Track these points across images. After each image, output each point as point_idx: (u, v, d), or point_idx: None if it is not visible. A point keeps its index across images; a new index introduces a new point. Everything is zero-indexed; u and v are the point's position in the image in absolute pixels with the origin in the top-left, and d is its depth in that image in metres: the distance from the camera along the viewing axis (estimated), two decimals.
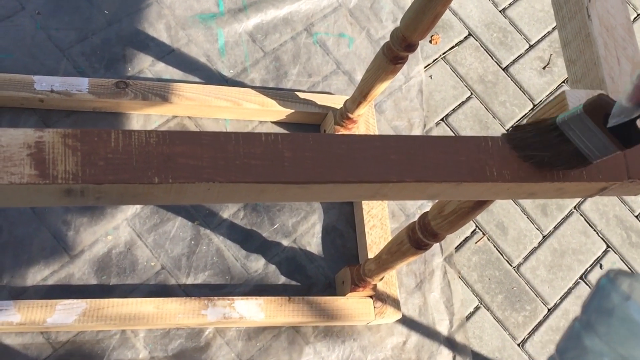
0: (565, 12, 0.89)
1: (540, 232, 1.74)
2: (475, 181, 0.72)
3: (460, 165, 0.72)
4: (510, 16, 1.99)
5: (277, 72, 1.69)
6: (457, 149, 0.73)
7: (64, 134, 0.61)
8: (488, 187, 0.74)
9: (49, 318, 1.29)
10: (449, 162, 0.72)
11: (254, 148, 0.67)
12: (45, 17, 1.57)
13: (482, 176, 0.73)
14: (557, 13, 0.90)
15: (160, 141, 0.64)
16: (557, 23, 0.90)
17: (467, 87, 1.85)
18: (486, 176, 0.73)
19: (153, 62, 1.61)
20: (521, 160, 0.74)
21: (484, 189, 0.75)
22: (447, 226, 1.07)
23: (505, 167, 0.74)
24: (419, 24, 1.19)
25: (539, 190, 0.77)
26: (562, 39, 0.89)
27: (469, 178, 0.72)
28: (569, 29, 0.87)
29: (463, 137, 0.74)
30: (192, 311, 1.36)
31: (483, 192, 0.76)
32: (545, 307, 1.66)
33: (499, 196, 0.79)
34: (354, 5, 1.83)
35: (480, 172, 0.73)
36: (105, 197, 0.64)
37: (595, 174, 0.76)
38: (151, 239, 1.46)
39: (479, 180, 0.72)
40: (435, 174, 0.71)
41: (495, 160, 0.74)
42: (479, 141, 0.74)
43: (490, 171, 0.73)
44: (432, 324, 1.57)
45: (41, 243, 1.39)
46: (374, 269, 1.35)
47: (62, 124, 1.48)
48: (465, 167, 0.72)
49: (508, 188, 0.75)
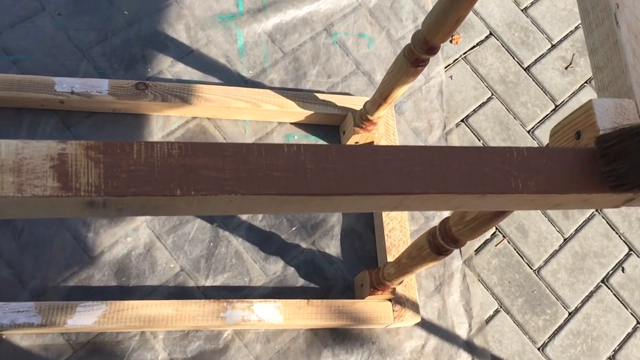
0: (592, 18, 0.87)
1: (561, 235, 1.72)
2: (500, 192, 0.71)
3: (485, 176, 0.71)
4: (532, 15, 1.97)
5: (297, 73, 1.69)
6: (481, 160, 0.72)
7: (87, 146, 0.61)
8: (512, 198, 0.73)
9: (70, 319, 1.29)
10: (472, 173, 0.71)
11: (276, 159, 0.66)
12: (66, 18, 1.58)
13: (506, 187, 0.71)
14: (584, 19, 0.89)
15: (183, 153, 0.64)
16: (584, 29, 0.88)
17: (488, 87, 1.84)
18: (511, 187, 0.72)
19: (172, 62, 1.61)
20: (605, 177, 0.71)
21: (508, 200, 0.73)
22: (468, 232, 1.06)
23: (530, 178, 0.73)
24: (440, 27, 1.18)
25: (565, 201, 0.76)
26: (589, 45, 0.87)
27: (493, 189, 0.71)
28: (596, 35, 0.86)
29: (487, 147, 0.72)
30: (211, 313, 1.36)
31: (507, 203, 0.75)
32: (566, 311, 1.65)
33: (523, 207, 0.77)
34: (374, 4, 1.82)
35: (505, 183, 0.71)
36: (127, 208, 0.64)
37: None
38: (170, 240, 1.46)
39: (503, 191, 0.71)
40: (459, 185, 0.70)
41: (520, 171, 0.72)
42: (503, 152, 0.73)
43: (515, 182, 0.72)
44: (451, 328, 1.56)
45: (61, 244, 1.40)
46: (394, 273, 1.34)
47: (82, 125, 1.49)
48: (489, 178, 0.71)
49: (533, 199, 0.74)
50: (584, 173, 0.74)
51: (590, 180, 0.74)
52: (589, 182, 0.74)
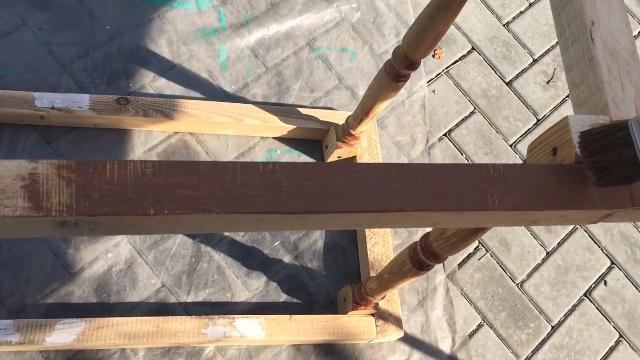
0: (568, 35, 0.88)
1: (544, 249, 1.72)
2: (477, 210, 0.71)
3: (462, 194, 0.71)
4: (514, 30, 1.98)
5: (279, 88, 1.69)
6: (458, 177, 0.72)
7: (59, 165, 0.61)
8: (489, 215, 0.73)
9: (48, 337, 1.28)
10: (450, 190, 0.71)
11: (252, 178, 0.66)
12: (47, 33, 1.57)
13: (483, 204, 0.71)
14: (560, 36, 0.89)
15: (157, 171, 0.63)
16: (561, 46, 0.89)
17: (470, 102, 1.84)
18: (487, 204, 0.72)
19: (154, 77, 1.60)
20: (587, 168, 0.72)
21: (485, 217, 0.73)
22: (449, 248, 1.06)
23: (506, 195, 0.73)
24: (421, 42, 1.18)
25: (541, 217, 0.76)
26: (565, 62, 0.88)
27: (470, 207, 0.71)
28: (572, 52, 0.86)
29: (464, 164, 0.72)
30: (192, 330, 1.35)
31: (484, 220, 0.75)
32: (549, 325, 1.65)
33: (500, 224, 0.77)
34: (357, 19, 1.83)
35: (482, 200, 0.71)
36: (100, 228, 0.63)
37: (599, 201, 0.75)
38: (152, 256, 1.45)
39: (480, 208, 0.71)
40: (436, 202, 0.70)
41: (497, 188, 0.72)
42: (480, 168, 0.73)
43: (492, 199, 0.72)
44: (434, 342, 1.55)
45: (41, 261, 1.38)
46: (376, 287, 1.34)
47: (63, 140, 1.48)
48: (466, 196, 0.71)
49: (510, 216, 0.74)
50: (561, 189, 0.75)
51: (567, 197, 0.75)
52: (565, 198, 0.74)
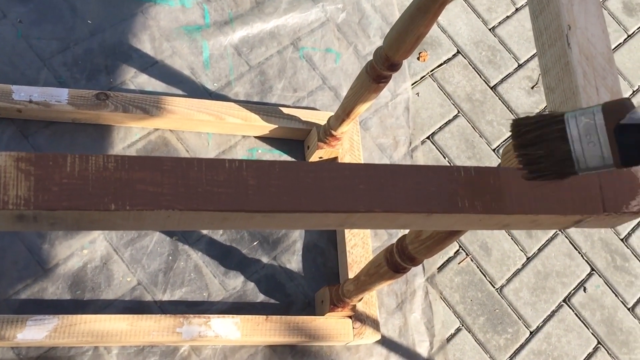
0: (545, 38, 0.87)
1: (524, 254, 1.72)
2: (446, 212, 0.70)
3: (431, 196, 0.70)
4: (499, 35, 1.98)
5: (262, 87, 1.68)
6: (428, 179, 0.71)
7: (17, 157, 0.59)
8: (459, 218, 0.72)
9: (19, 334, 1.26)
10: (419, 192, 0.70)
11: (217, 175, 0.65)
12: (27, 26, 1.55)
13: (452, 207, 0.71)
14: (537, 39, 0.89)
15: (119, 166, 0.62)
16: (537, 50, 0.88)
17: (454, 105, 1.84)
18: (457, 207, 0.71)
19: (136, 73, 1.59)
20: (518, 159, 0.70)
21: (454, 220, 0.73)
22: (424, 251, 1.05)
23: (477, 198, 0.72)
24: (401, 44, 1.17)
25: (512, 221, 0.75)
26: (542, 66, 0.87)
27: (438, 209, 0.70)
28: (549, 56, 0.86)
29: (435, 166, 0.72)
30: (166, 329, 1.34)
31: (454, 223, 0.74)
32: (527, 330, 1.64)
33: (471, 227, 0.77)
34: (342, 20, 1.82)
35: (451, 202, 0.71)
36: (60, 223, 0.62)
37: (570, 206, 0.74)
38: (128, 253, 1.43)
39: (449, 211, 0.70)
40: (405, 204, 0.69)
41: (467, 191, 0.72)
42: (450, 171, 0.72)
43: (462, 202, 0.71)
44: (412, 346, 1.54)
45: (14, 256, 1.36)
46: (353, 289, 1.33)
47: (40, 134, 1.46)
48: (435, 198, 0.71)
49: (480, 219, 0.73)
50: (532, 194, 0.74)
51: (538, 201, 0.74)
52: (536, 202, 0.74)
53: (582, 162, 0.67)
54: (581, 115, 0.67)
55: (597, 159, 0.66)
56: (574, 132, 0.67)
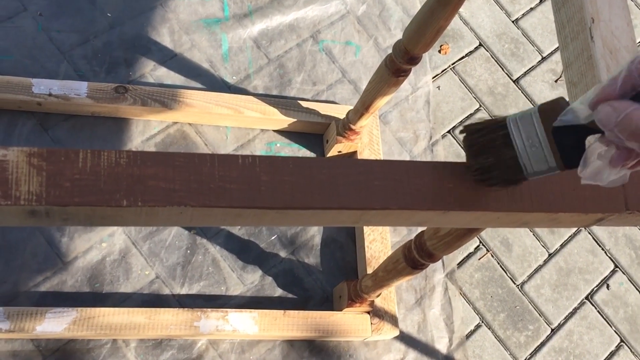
0: (567, 31, 0.85)
1: (546, 250, 1.70)
2: (463, 210, 0.69)
3: (448, 193, 0.69)
4: (523, 27, 1.95)
5: (281, 80, 1.67)
6: (445, 176, 0.70)
7: (30, 152, 0.59)
8: (477, 215, 0.70)
9: (39, 326, 1.27)
10: (436, 189, 0.69)
11: (230, 171, 0.64)
12: (47, 19, 1.56)
13: (470, 204, 0.69)
14: (559, 32, 0.87)
15: (131, 162, 0.61)
16: (560, 43, 0.86)
17: (476, 99, 1.82)
18: (475, 204, 0.69)
19: (155, 66, 1.59)
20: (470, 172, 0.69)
21: (472, 217, 0.71)
22: (442, 247, 1.04)
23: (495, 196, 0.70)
24: (421, 37, 1.16)
25: (532, 219, 0.73)
26: (564, 60, 0.85)
27: (455, 206, 0.69)
28: (571, 49, 0.84)
29: (452, 162, 0.70)
30: (184, 322, 1.34)
31: (472, 220, 0.73)
32: (548, 327, 1.62)
33: (489, 225, 0.75)
34: (362, 12, 1.80)
35: (468, 200, 0.69)
36: (72, 218, 0.61)
37: (591, 204, 0.72)
38: (146, 247, 1.44)
39: (466, 208, 0.69)
40: (421, 201, 0.68)
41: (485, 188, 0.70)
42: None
43: (480, 199, 0.70)
44: (430, 342, 1.53)
45: (34, 249, 1.37)
46: (371, 285, 1.32)
47: (60, 127, 1.47)
48: (452, 195, 0.69)
49: (498, 217, 0.72)
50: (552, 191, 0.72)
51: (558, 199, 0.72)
52: (556, 200, 0.72)
53: (529, 167, 0.65)
54: (521, 119, 0.65)
55: (542, 163, 0.64)
56: (517, 136, 0.65)
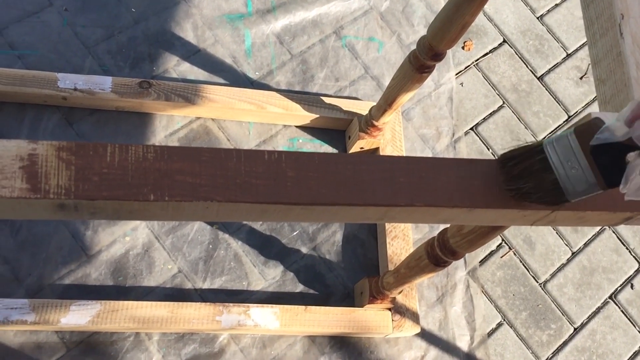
0: (596, 28, 0.84)
1: (569, 249, 1.68)
2: (489, 207, 0.68)
3: (474, 190, 0.69)
4: (548, 23, 1.93)
5: (304, 76, 1.67)
6: (470, 172, 0.69)
7: (59, 146, 0.60)
8: (503, 213, 0.70)
9: (63, 318, 1.28)
10: (461, 186, 0.69)
11: (256, 166, 0.64)
12: (73, 14, 1.57)
13: (496, 202, 0.69)
14: (588, 29, 0.86)
15: (158, 157, 0.62)
16: (588, 40, 0.85)
17: (499, 95, 1.80)
18: (501, 202, 0.69)
19: (178, 62, 1.60)
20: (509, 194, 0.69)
21: (498, 215, 0.71)
22: (466, 245, 1.04)
23: None
24: (446, 33, 1.15)
25: (558, 218, 0.73)
26: (593, 57, 0.84)
27: (481, 204, 0.68)
28: (600, 46, 0.83)
29: (477, 159, 0.70)
30: (206, 317, 1.35)
31: (498, 218, 0.72)
32: (571, 327, 1.61)
33: (515, 223, 0.75)
34: (386, 8, 1.80)
35: (494, 197, 0.69)
36: (100, 212, 0.62)
37: (620, 203, 0.71)
38: (169, 241, 1.44)
39: (492, 206, 0.68)
40: (447, 198, 0.68)
41: None
42: (494, 164, 0.70)
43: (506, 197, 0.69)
44: (452, 339, 1.53)
45: (59, 242, 1.39)
46: (393, 282, 1.32)
47: (84, 122, 1.48)
48: (479, 192, 0.69)
49: (524, 215, 0.71)
50: None
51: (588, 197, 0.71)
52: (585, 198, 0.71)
53: (570, 189, 0.65)
54: (558, 142, 0.65)
55: (583, 184, 0.64)
56: (555, 159, 0.65)
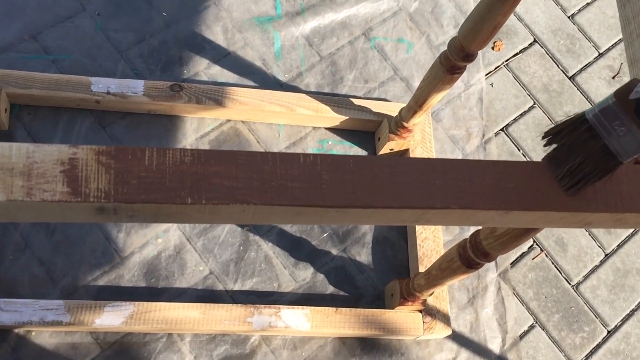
0: (633, 27, 0.83)
1: (602, 250, 1.66)
2: (525, 210, 0.68)
3: (510, 192, 0.68)
4: (579, 22, 1.91)
5: (333, 77, 1.67)
6: (506, 174, 0.69)
7: (98, 151, 0.61)
8: (539, 215, 0.69)
9: (98, 319, 1.30)
10: (497, 188, 0.68)
11: (291, 169, 0.64)
12: (105, 18, 1.59)
13: (532, 204, 0.68)
14: (624, 28, 0.85)
15: (195, 160, 0.62)
16: (625, 39, 0.84)
17: (530, 96, 1.79)
18: (537, 204, 0.69)
19: (209, 65, 1.61)
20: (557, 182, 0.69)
21: (535, 217, 0.70)
22: (499, 247, 1.03)
23: (558, 195, 0.69)
24: (478, 33, 1.14)
25: (596, 220, 0.72)
26: (629, 57, 0.83)
27: (518, 206, 0.68)
28: (637, 46, 0.82)
29: (513, 162, 0.69)
30: (238, 318, 1.35)
31: (534, 220, 0.72)
32: (604, 329, 1.59)
33: (551, 225, 0.74)
34: (415, 9, 1.79)
35: (531, 199, 0.68)
36: (138, 215, 0.63)
37: None
38: (200, 243, 1.46)
39: (528, 208, 0.68)
40: (482, 200, 0.67)
41: (547, 187, 0.69)
42: (530, 166, 0.70)
43: (542, 199, 0.69)
44: (483, 342, 1.52)
45: (93, 244, 1.41)
46: (424, 284, 1.31)
47: (117, 125, 1.50)
48: (514, 194, 0.68)
49: (561, 217, 0.70)
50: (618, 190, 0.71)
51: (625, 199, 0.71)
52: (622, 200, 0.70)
53: (621, 150, 0.66)
54: (600, 109, 0.67)
55: (633, 143, 0.65)
56: (601, 126, 0.67)
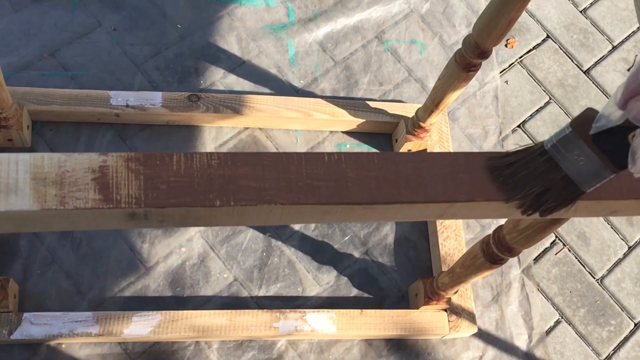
0: None
1: (625, 243, 1.65)
2: None
3: None
4: (591, 16, 1.91)
5: (348, 81, 1.68)
6: None
7: (127, 157, 0.62)
8: None
9: (126, 329, 1.31)
10: None
11: (317, 168, 0.65)
12: (121, 33, 1.61)
13: None
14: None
15: (222, 163, 0.64)
16: None
17: (546, 91, 1.79)
18: None
19: (224, 74, 1.62)
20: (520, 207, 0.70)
21: None
22: (523, 241, 1.03)
23: None
24: (492, 30, 1.15)
25: (622, 207, 0.72)
26: None
27: None
28: None
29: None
30: (264, 324, 1.36)
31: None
32: (631, 322, 1.58)
33: (577, 214, 0.74)
34: (426, 10, 1.80)
35: None
36: (168, 220, 0.64)
37: None
38: (223, 250, 1.47)
39: None
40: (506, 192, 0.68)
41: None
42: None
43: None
44: (509, 339, 1.51)
45: (118, 255, 1.42)
46: (448, 282, 1.31)
47: (137, 137, 1.52)
48: None
49: (586, 206, 0.71)
50: None
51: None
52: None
53: (582, 180, 0.66)
54: (557, 139, 0.67)
55: (593, 172, 0.65)
56: (561, 156, 0.66)
